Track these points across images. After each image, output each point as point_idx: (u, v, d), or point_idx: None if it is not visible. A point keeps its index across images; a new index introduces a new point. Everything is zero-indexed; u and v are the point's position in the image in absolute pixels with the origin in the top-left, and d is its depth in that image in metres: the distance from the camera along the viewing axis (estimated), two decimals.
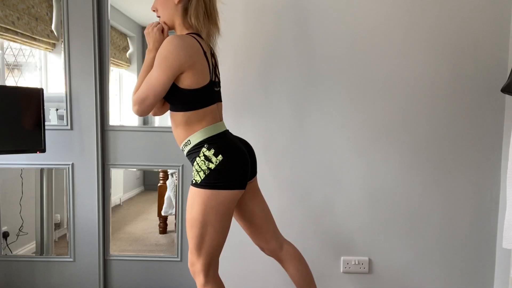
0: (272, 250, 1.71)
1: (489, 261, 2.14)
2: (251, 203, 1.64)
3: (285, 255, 1.71)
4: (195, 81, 1.44)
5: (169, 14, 1.52)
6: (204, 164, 1.44)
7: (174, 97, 1.47)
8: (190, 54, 1.42)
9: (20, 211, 2.42)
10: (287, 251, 1.71)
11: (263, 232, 1.68)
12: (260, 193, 1.68)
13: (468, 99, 2.08)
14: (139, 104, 1.44)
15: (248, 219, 1.67)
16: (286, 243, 1.73)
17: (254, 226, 1.67)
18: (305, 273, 1.72)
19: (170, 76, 1.41)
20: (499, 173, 2.11)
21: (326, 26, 2.07)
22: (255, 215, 1.65)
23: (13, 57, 2.58)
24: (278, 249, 1.70)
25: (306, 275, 1.72)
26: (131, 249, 2.58)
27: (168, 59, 1.40)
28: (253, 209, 1.65)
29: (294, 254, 1.72)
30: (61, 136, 2.25)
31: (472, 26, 2.05)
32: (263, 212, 1.67)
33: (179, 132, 1.52)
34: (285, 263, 1.72)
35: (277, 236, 1.72)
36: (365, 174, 2.12)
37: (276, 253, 1.71)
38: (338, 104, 2.10)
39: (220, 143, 1.47)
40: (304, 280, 1.71)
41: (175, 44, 1.41)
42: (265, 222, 1.68)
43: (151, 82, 1.42)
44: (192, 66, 1.43)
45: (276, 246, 1.70)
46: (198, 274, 1.49)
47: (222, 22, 1.99)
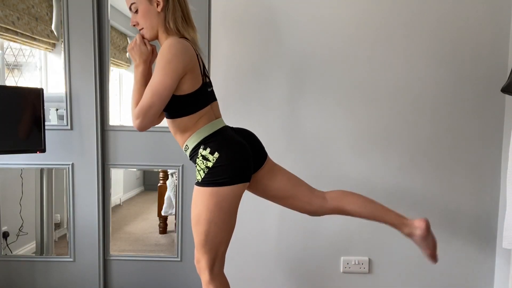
0: (320, 207, 1.64)
1: (489, 261, 2.14)
2: (273, 183, 1.62)
3: (333, 202, 1.64)
4: (191, 85, 1.45)
5: (152, 24, 1.50)
6: (203, 163, 1.45)
7: (170, 105, 1.47)
8: (190, 56, 1.43)
9: (20, 211, 2.42)
10: (333, 197, 1.65)
11: (301, 198, 1.63)
12: (279, 169, 1.65)
13: (468, 99, 2.09)
14: (143, 114, 1.40)
15: (281, 197, 1.64)
16: (327, 192, 1.67)
17: (289, 198, 1.64)
18: (364, 201, 1.65)
19: (175, 79, 1.40)
20: (499, 173, 2.11)
21: (327, 27, 2.07)
22: (284, 188, 1.62)
23: (13, 57, 2.58)
24: (324, 203, 1.64)
25: (367, 203, 1.64)
26: (131, 249, 2.59)
27: (172, 63, 1.39)
28: (279, 185, 1.62)
29: (340, 194, 1.66)
30: (61, 136, 2.25)
31: (472, 26, 2.05)
32: (290, 183, 1.63)
33: (178, 138, 1.55)
34: (341, 208, 1.65)
35: (315, 192, 1.66)
36: (365, 174, 2.12)
37: (326, 207, 1.65)
38: (338, 104, 2.10)
39: (216, 141, 1.47)
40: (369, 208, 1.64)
41: (178, 47, 1.41)
42: (296, 189, 1.63)
43: (156, 88, 1.39)
44: (192, 69, 1.44)
45: (320, 202, 1.64)
46: (203, 271, 1.50)
47: (221, 22, 1.98)
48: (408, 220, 1.61)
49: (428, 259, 1.67)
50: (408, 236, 1.63)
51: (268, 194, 1.65)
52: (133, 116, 1.42)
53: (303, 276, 2.18)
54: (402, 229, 1.62)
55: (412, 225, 1.60)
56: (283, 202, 1.67)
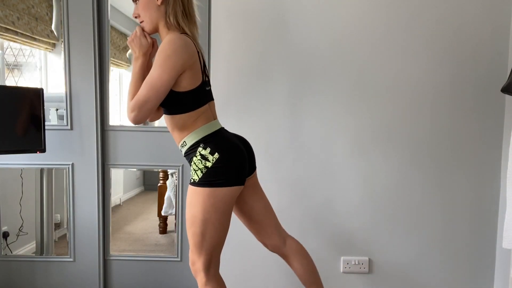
0: (275, 246, 1.69)
1: (489, 261, 2.14)
2: (250, 199, 1.63)
3: (288, 250, 1.69)
4: (191, 82, 1.44)
5: (152, 17, 1.49)
6: (201, 163, 1.44)
7: (169, 101, 1.46)
8: (190, 53, 1.42)
9: (20, 211, 2.42)
10: (290, 246, 1.69)
11: (265, 227, 1.67)
12: (261, 189, 1.67)
13: (468, 99, 2.09)
14: (138, 108, 1.39)
15: (249, 215, 1.66)
16: (289, 238, 1.72)
17: (255, 222, 1.66)
18: (309, 267, 1.70)
19: (173, 75, 1.39)
20: (499, 173, 2.11)
21: (328, 27, 2.07)
22: (256, 211, 1.64)
23: (13, 57, 2.58)
24: (281, 245, 1.69)
25: (310, 269, 1.70)
26: (131, 249, 2.58)
27: (171, 58, 1.39)
28: (253, 205, 1.64)
29: (297, 248, 1.70)
30: (61, 136, 2.24)
31: (472, 26, 2.05)
32: (264, 208, 1.66)
33: (175, 134, 1.54)
34: (289, 258, 1.70)
35: (280, 231, 1.70)
36: (365, 174, 2.12)
37: (280, 249, 1.69)
38: (338, 104, 2.10)
39: (216, 141, 1.47)
40: (309, 275, 1.69)
41: (178, 43, 1.40)
42: (266, 218, 1.66)
43: (153, 83, 1.39)
44: (191, 66, 1.43)
45: (279, 242, 1.68)
46: (199, 272, 1.49)
47: (221, 21, 1.98)
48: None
49: None
50: None
51: (240, 208, 1.65)
52: (128, 109, 1.42)
53: None
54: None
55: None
56: (248, 222, 1.69)
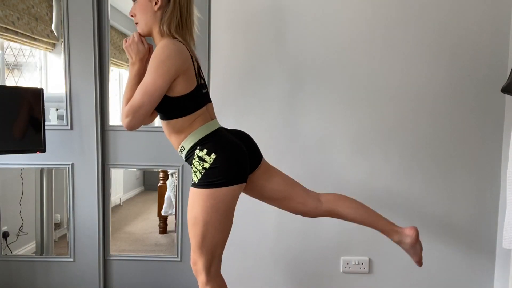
0: (314, 209, 1.66)
1: (489, 261, 2.14)
2: (268, 184, 1.62)
3: (328, 204, 1.66)
4: (185, 87, 1.44)
5: (147, 20, 1.50)
6: (199, 164, 1.44)
7: (164, 107, 1.47)
8: (184, 59, 1.42)
9: (20, 211, 2.42)
10: (327, 199, 1.66)
11: (295, 198, 1.65)
12: (274, 170, 1.66)
13: (468, 100, 2.09)
14: (133, 113, 1.39)
15: (275, 198, 1.65)
16: (322, 194, 1.68)
17: (284, 199, 1.65)
18: (357, 206, 1.67)
19: (167, 80, 1.39)
20: (499, 173, 2.11)
21: (327, 27, 2.07)
22: (279, 190, 1.63)
23: (13, 57, 2.58)
24: (319, 204, 1.65)
25: (359, 207, 1.67)
26: (131, 249, 2.58)
27: (165, 64, 1.39)
28: (273, 187, 1.63)
29: (335, 198, 1.68)
30: (61, 136, 2.25)
31: (472, 26, 2.05)
32: (285, 182, 1.65)
33: (173, 139, 1.54)
34: (334, 212, 1.66)
35: (310, 194, 1.67)
36: (365, 174, 2.12)
37: (320, 209, 1.66)
38: (338, 104, 2.10)
39: (212, 142, 1.47)
40: (362, 213, 1.66)
41: (172, 48, 1.41)
42: (291, 190, 1.64)
43: (147, 88, 1.39)
44: (185, 72, 1.43)
45: (315, 203, 1.65)
46: (200, 273, 1.49)
47: (221, 22, 1.99)
48: (399, 228, 1.66)
49: (416, 263, 1.73)
50: (397, 243, 1.67)
51: (263, 195, 1.66)
52: (123, 115, 1.42)
53: (303, 276, 2.18)
54: (393, 236, 1.66)
55: (402, 232, 1.65)
56: (278, 203, 1.68)
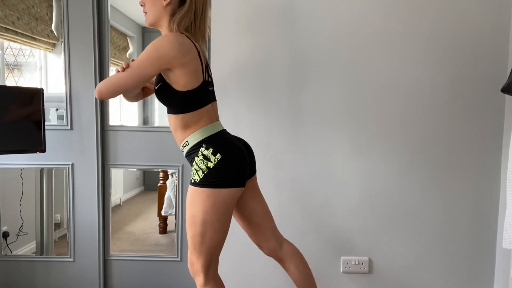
0: (271, 249, 1.70)
1: (489, 261, 2.14)
2: (250, 201, 1.64)
3: (284, 254, 1.70)
4: (190, 81, 1.43)
5: (155, 14, 1.50)
6: (202, 163, 1.44)
7: (172, 100, 1.47)
8: (183, 52, 1.41)
9: (20, 211, 2.42)
10: (287, 250, 1.71)
11: (263, 230, 1.68)
12: (260, 192, 1.68)
13: (468, 99, 2.08)
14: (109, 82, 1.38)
15: (248, 218, 1.66)
16: (286, 242, 1.73)
17: (253, 225, 1.67)
18: (305, 271, 1.71)
19: (156, 66, 1.38)
20: (499, 173, 2.11)
21: (325, 27, 2.07)
22: (255, 213, 1.65)
23: (13, 57, 2.58)
24: (277, 248, 1.70)
25: (306, 274, 1.71)
26: (131, 249, 2.59)
27: (159, 50, 1.38)
28: (253, 207, 1.64)
29: (293, 252, 1.72)
30: (61, 136, 2.25)
31: (472, 26, 2.05)
32: (263, 211, 1.67)
33: (178, 134, 1.53)
34: (284, 262, 1.71)
35: (277, 235, 1.71)
36: (365, 174, 2.12)
37: (276, 252, 1.71)
38: (338, 104, 2.10)
39: (218, 142, 1.47)
40: (304, 279, 1.71)
41: (170, 39, 1.41)
42: (264, 221, 1.67)
43: (133, 66, 1.38)
44: (184, 65, 1.41)
45: (275, 245, 1.70)
46: (198, 274, 1.49)
47: (221, 22, 1.99)
48: None
49: None
50: None
51: (240, 210, 1.66)
52: (101, 82, 1.40)
53: None
54: None
55: None
56: (246, 225, 1.69)
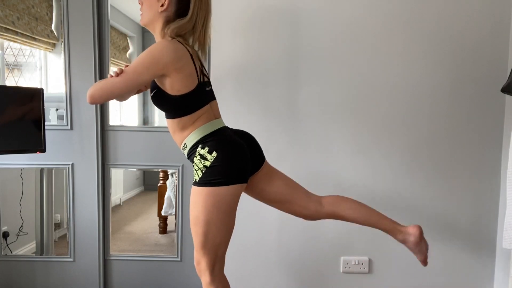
0: (315, 213, 1.66)
1: (489, 261, 2.14)
2: (270, 187, 1.62)
3: (329, 207, 1.65)
4: (185, 85, 1.44)
5: (150, 17, 1.51)
6: (200, 162, 1.44)
7: (167, 106, 1.47)
8: (178, 57, 1.41)
9: (20, 211, 2.42)
10: (329, 202, 1.66)
11: (297, 203, 1.64)
12: (276, 173, 1.66)
13: (468, 99, 2.09)
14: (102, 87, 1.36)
15: (277, 200, 1.65)
16: (323, 197, 1.68)
17: (285, 203, 1.65)
18: (360, 207, 1.66)
19: (151, 72, 1.39)
20: (499, 173, 2.11)
21: (326, 27, 2.07)
22: (281, 193, 1.63)
23: (13, 57, 2.58)
24: (320, 208, 1.65)
25: (363, 209, 1.66)
26: (131, 249, 2.59)
27: (154, 56, 1.39)
28: (276, 190, 1.63)
29: (336, 200, 1.67)
30: (61, 136, 2.25)
31: (472, 26, 2.05)
32: (287, 186, 1.64)
33: (176, 137, 1.54)
34: (336, 214, 1.66)
35: (311, 197, 1.67)
36: (365, 174, 2.12)
37: (322, 212, 1.66)
38: (338, 104, 2.10)
39: (214, 140, 1.47)
40: (363, 213, 1.65)
41: (165, 45, 1.41)
42: (293, 193, 1.64)
43: (127, 72, 1.38)
44: (179, 70, 1.41)
45: (316, 207, 1.65)
46: (204, 272, 1.49)
47: (221, 22, 1.98)
48: (402, 227, 1.64)
49: (421, 263, 1.70)
50: (402, 242, 1.65)
51: (264, 197, 1.66)
52: (93, 86, 1.38)
53: (303, 276, 2.18)
54: (396, 236, 1.64)
55: (406, 231, 1.63)
56: (279, 206, 1.68)
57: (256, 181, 1.60)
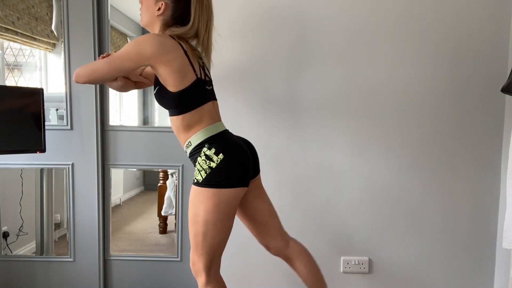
0: (278, 248, 1.69)
1: (489, 261, 2.14)
2: (255, 201, 1.63)
3: (291, 252, 1.68)
4: (179, 80, 1.43)
5: (148, 19, 1.54)
6: (205, 163, 1.44)
7: (168, 102, 1.48)
8: (163, 51, 1.41)
9: (20, 211, 2.42)
10: (294, 248, 1.69)
11: (268, 230, 1.66)
12: (264, 191, 1.67)
13: (468, 99, 2.09)
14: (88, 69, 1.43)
15: (253, 218, 1.65)
16: (292, 240, 1.71)
17: (259, 224, 1.66)
18: (313, 268, 1.69)
19: (135, 60, 1.41)
20: (499, 173, 2.11)
21: (325, 27, 2.07)
22: (259, 213, 1.64)
23: (13, 57, 2.58)
24: (284, 247, 1.68)
25: (314, 271, 1.69)
26: (131, 249, 2.59)
27: (138, 46, 1.41)
28: (257, 207, 1.63)
29: (300, 250, 1.70)
30: (61, 136, 2.25)
31: (472, 26, 2.05)
32: (268, 210, 1.66)
33: (180, 135, 1.53)
34: (292, 261, 1.70)
35: (283, 234, 1.69)
36: (365, 174, 2.12)
37: (282, 251, 1.69)
38: (338, 103, 2.10)
39: (221, 142, 1.47)
40: (313, 276, 1.69)
41: (153, 37, 1.43)
42: (270, 220, 1.66)
43: (112, 57, 1.42)
44: (167, 64, 1.41)
45: (282, 244, 1.68)
46: (200, 273, 1.49)
47: (221, 22, 1.99)
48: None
49: None
50: None
51: (245, 211, 1.65)
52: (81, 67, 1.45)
53: None
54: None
55: None
56: (251, 225, 1.68)
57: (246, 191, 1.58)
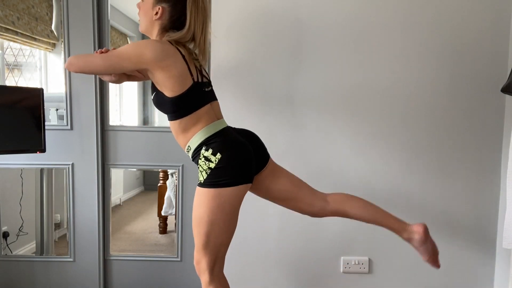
0: (321, 210, 1.65)
1: (489, 261, 2.14)
2: (275, 185, 1.63)
3: (335, 206, 1.65)
4: (177, 85, 1.44)
5: (146, 23, 1.56)
6: (205, 164, 1.44)
7: (166, 107, 1.49)
8: (162, 56, 1.43)
9: (20, 211, 2.42)
10: (334, 200, 1.66)
11: (302, 200, 1.65)
12: (281, 170, 1.66)
13: (468, 99, 2.09)
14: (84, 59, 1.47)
15: (283, 199, 1.65)
16: (328, 195, 1.68)
17: (291, 200, 1.65)
18: (365, 206, 1.66)
19: (131, 63, 1.44)
20: (499, 173, 2.11)
21: (325, 27, 2.07)
22: (286, 192, 1.63)
23: (13, 57, 2.58)
24: (325, 206, 1.65)
25: (367, 208, 1.66)
26: (131, 249, 2.59)
27: (139, 50, 1.43)
28: (280, 188, 1.63)
29: (342, 197, 1.67)
30: (61, 136, 2.25)
31: (472, 26, 2.05)
32: (292, 184, 1.64)
33: (180, 139, 1.55)
34: (341, 212, 1.66)
35: (317, 195, 1.66)
36: (365, 174, 2.12)
37: (327, 210, 1.65)
38: (338, 103, 2.10)
39: (218, 142, 1.47)
40: (368, 212, 1.66)
41: (153, 43, 1.46)
42: (299, 192, 1.64)
43: (110, 53, 1.45)
44: (165, 69, 1.43)
45: (322, 204, 1.65)
46: (204, 272, 1.50)
47: (221, 22, 1.99)
48: (407, 225, 1.64)
49: (430, 264, 1.68)
50: (407, 241, 1.65)
51: (270, 195, 1.66)
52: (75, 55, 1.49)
53: (303, 276, 2.18)
54: (402, 234, 1.65)
55: (411, 230, 1.63)
56: (285, 204, 1.68)
57: (261, 179, 1.61)
